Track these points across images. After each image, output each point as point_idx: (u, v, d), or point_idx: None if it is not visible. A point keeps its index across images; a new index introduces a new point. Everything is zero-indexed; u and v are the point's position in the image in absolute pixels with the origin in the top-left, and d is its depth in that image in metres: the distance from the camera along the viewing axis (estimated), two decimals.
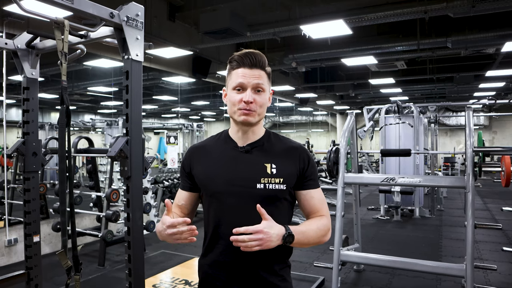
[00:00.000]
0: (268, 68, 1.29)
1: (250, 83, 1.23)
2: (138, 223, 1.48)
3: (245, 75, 1.24)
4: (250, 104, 1.23)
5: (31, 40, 1.84)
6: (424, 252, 4.92)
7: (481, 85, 11.24)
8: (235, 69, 1.26)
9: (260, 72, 1.25)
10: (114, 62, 6.91)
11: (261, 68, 1.26)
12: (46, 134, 10.54)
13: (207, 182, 1.28)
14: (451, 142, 18.61)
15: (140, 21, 1.52)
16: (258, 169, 1.25)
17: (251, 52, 1.26)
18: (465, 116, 3.37)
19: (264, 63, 1.27)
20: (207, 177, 1.28)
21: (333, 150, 3.78)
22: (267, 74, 1.28)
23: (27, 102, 1.87)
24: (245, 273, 1.23)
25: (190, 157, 1.35)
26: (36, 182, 1.89)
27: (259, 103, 1.25)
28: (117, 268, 4.40)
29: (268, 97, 1.30)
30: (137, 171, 1.49)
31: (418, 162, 7.02)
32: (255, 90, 1.24)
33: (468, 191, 3.02)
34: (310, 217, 1.31)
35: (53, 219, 5.05)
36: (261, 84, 1.25)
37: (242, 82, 1.24)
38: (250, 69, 1.24)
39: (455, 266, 3.05)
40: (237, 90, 1.25)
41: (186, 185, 1.36)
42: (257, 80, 1.24)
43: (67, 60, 1.46)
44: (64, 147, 1.48)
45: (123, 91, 1.47)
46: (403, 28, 7.03)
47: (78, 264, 1.53)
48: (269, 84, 1.30)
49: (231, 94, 1.27)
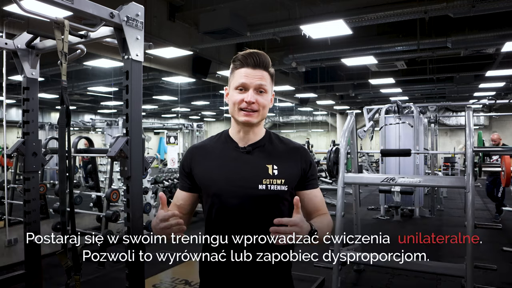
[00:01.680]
0: (271, 69, 1.28)
1: (252, 84, 1.23)
2: (138, 223, 1.48)
3: (248, 75, 1.23)
4: (252, 104, 1.23)
5: (31, 40, 1.84)
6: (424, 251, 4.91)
7: (481, 85, 11.23)
8: (238, 69, 1.25)
9: (263, 73, 1.25)
10: (114, 62, 6.91)
11: (264, 68, 1.25)
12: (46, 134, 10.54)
13: (208, 183, 1.27)
14: (451, 142, 18.60)
15: (140, 21, 1.52)
16: (260, 170, 1.25)
17: (255, 52, 1.26)
18: (465, 116, 3.37)
19: (268, 64, 1.27)
20: (208, 177, 1.27)
21: (333, 150, 3.78)
22: (270, 75, 1.28)
23: (27, 102, 1.87)
24: (247, 273, 1.23)
25: (190, 157, 1.34)
26: (36, 182, 1.89)
27: (261, 104, 1.24)
28: (117, 268, 4.39)
29: (270, 98, 1.30)
30: (137, 171, 1.49)
31: (418, 162, 7.01)
32: (257, 90, 1.24)
33: (468, 191, 3.02)
34: (312, 216, 1.30)
35: (53, 219, 5.04)
36: (264, 85, 1.24)
37: (244, 82, 1.23)
38: (253, 69, 1.24)
39: (455, 266, 3.05)
40: (239, 90, 1.24)
41: (186, 186, 1.34)
42: (259, 81, 1.23)
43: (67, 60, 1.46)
44: (64, 147, 1.48)
45: (123, 91, 1.48)
46: (403, 28, 7.03)
47: (78, 264, 1.53)
48: (271, 85, 1.29)
49: (233, 93, 1.26)
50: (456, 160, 12.03)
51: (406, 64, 8.79)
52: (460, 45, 6.84)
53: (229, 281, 1.24)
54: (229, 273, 1.24)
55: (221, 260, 1.24)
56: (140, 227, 1.49)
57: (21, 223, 4.60)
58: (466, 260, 2.93)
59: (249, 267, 1.22)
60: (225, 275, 1.25)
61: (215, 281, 1.27)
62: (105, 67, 7.94)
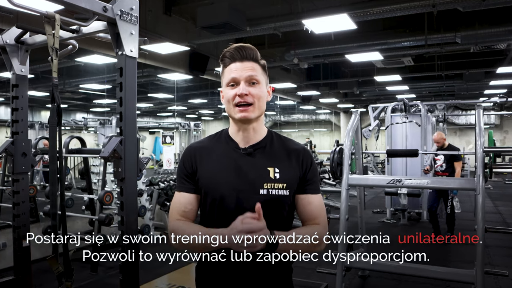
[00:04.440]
0: (262, 61, 1.29)
1: (242, 76, 1.23)
2: (132, 227, 1.48)
3: (237, 69, 1.24)
4: (245, 96, 1.23)
5: (20, 35, 1.84)
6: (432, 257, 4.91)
7: (491, 82, 11.23)
8: (228, 66, 1.26)
9: (253, 64, 1.25)
10: (107, 58, 6.92)
11: (253, 60, 1.26)
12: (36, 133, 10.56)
13: (211, 186, 1.27)
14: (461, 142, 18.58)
15: (135, 15, 1.52)
16: (261, 174, 1.25)
17: (241, 45, 1.26)
18: (475, 114, 3.37)
19: (256, 55, 1.27)
20: (211, 180, 1.27)
21: (337, 151, 3.79)
22: (261, 65, 1.28)
23: (16, 100, 1.87)
24: (247, 273, 1.25)
25: (192, 157, 1.32)
26: (25, 184, 1.89)
27: (255, 95, 1.24)
28: (111, 274, 4.40)
29: (267, 91, 1.30)
30: (132, 173, 1.49)
31: (426, 163, 7.02)
32: (249, 82, 1.24)
33: (478, 193, 3.02)
34: (305, 224, 1.30)
35: (43, 222, 5.04)
36: (254, 75, 1.25)
37: (234, 76, 1.24)
38: (241, 62, 1.24)
39: (464, 272, 3.05)
40: (231, 86, 1.25)
41: (190, 187, 1.30)
42: (249, 72, 1.24)
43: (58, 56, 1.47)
44: (55, 147, 1.48)
45: (116, 88, 1.48)
46: (410, 23, 7.02)
47: (70, 270, 1.54)
48: (264, 75, 1.29)
49: (226, 91, 1.27)
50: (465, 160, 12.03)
51: (413, 61, 8.78)
52: (470, 40, 6.83)
53: (229, 281, 1.26)
54: (229, 273, 1.26)
55: (221, 260, 1.24)
56: (134, 231, 1.49)
57: (10, 226, 4.59)
58: (476, 266, 2.93)
59: (249, 267, 1.23)
60: (225, 275, 1.26)
61: (215, 281, 1.28)
62: (98, 64, 7.94)
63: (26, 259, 1.87)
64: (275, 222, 1.17)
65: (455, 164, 5.52)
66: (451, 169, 5.52)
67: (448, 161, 5.59)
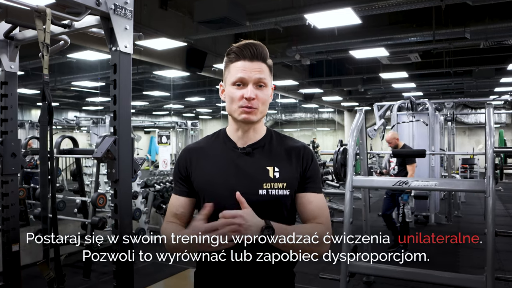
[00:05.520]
0: (269, 61, 1.29)
1: (251, 78, 1.23)
2: (126, 231, 1.49)
3: (245, 69, 1.23)
4: (252, 100, 1.23)
5: (9, 30, 1.84)
6: (440, 262, 4.92)
7: (502, 79, 11.23)
8: (234, 62, 1.26)
9: (262, 65, 1.25)
10: (100, 54, 6.91)
11: (262, 60, 1.26)
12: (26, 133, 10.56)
13: (207, 188, 1.28)
14: (470, 142, 18.60)
15: (129, 9, 1.52)
16: (260, 173, 1.26)
17: (251, 43, 1.26)
18: (485, 113, 3.37)
19: (266, 55, 1.27)
20: (207, 182, 1.28)
21: (341, 151, 3.79)
22: (269, 67, 1.28)
23: (5, 98, 1.87)
24: (247, 273, 1.26)
25: (187, 160, 1.34)
26: (15, 186, 1.89)
27: (261, 99, 1.25)
28: (104, 280, 4.40)
29: (270, 93, 1.30)
30: (126, 174, 1.49)
31: (433, 164, 7.02)
32: (256, 85, 1.24)
33: (488, 196, 3.02)
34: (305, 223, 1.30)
35: (33, 226, 5.05)
36: (263, 78, 1.25)
37: (242, 76, 1.23)
38: (251, 62, 1.24)
39: (474, 277, 3.05)
40: (237, 86, 1.25)
41: (184, 190, 1.33)
42: (259, 75, 1.24)
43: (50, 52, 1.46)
44: (46, 147, 1.48)
45: (110, 86, 1.48)
46: (417, 17, 7.03)
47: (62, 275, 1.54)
48: (271, 78, 1.29)
49: (230, 90, 1.26)
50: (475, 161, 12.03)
51: (420, 57, 8.78)
52: (480, 35, 6.83)
53: (230, 281, 1.27)
54: (229, 273, 1.27)
55: (221, 260, 1.25)
56: (129, 234, 1.49)
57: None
58: (486, 271, 2.93)
59: (249, 267, 1.25)
60: (225, 275, 1.27)
61: (215, 281, 1.30)
62: (91, 60, 7.95)
63: (15, 264, 1.87)
64: (277, 221, 1.17)
65: (408, 167, 5.20)
66: (404, 172, 5.20)
67: (401, 164, 5.30)
